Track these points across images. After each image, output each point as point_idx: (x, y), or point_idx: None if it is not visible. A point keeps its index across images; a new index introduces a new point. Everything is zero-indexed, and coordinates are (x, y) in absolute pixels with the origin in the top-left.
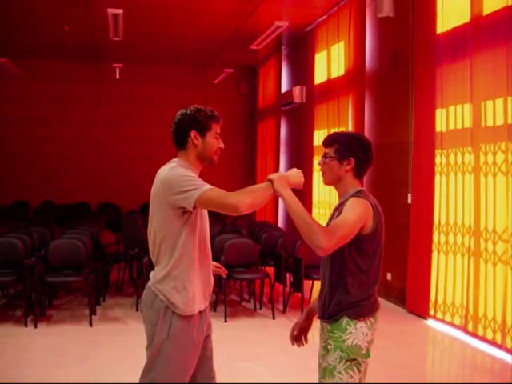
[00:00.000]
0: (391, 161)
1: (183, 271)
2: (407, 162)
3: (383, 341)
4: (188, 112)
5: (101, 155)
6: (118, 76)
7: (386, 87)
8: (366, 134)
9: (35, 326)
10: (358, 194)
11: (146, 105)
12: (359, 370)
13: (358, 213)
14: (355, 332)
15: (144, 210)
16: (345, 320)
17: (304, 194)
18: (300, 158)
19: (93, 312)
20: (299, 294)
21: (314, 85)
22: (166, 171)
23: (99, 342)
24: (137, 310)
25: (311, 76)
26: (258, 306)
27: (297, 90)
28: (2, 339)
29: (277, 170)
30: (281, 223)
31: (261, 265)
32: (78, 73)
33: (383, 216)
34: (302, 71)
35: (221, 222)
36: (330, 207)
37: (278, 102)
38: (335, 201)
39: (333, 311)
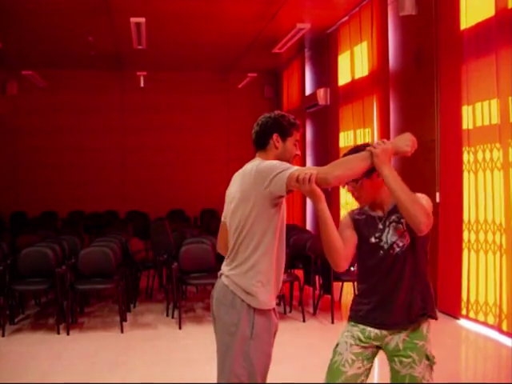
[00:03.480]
0: (418, 160)
1: (267, 265)
2: (434, 161)
3: None
4: (272, 116)
5: (127, 163)
6: (142, 84)
7: (410, 86)
8: (392, 133)
9: (67, 334)
10: None
11: (171, 112)
12: None
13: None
14: (430, 337)
15: (172, 216)
16: (425, 326)
17: (331, 195)
18: (326, 159)
19: (123, 318)
20: (329, 297)
21: (337, 86)
22: (254, 166)
23: (131, 348)
24: (167, 315)
25: (335, 77)
26: (287, 309)
27: (321, 92)
28: (35, 347)
29: None
30: (309, 226)
31: (290, 268)
32: (103, 82)
33: None
34: (326, 73)
35: None
36: None
37: (303, 105)
38: None
39: (420, 310)
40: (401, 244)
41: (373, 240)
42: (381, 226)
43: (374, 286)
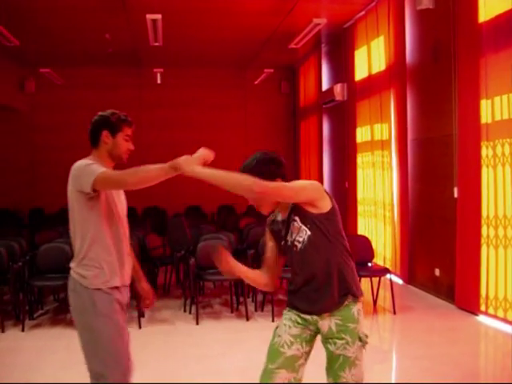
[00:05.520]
0: (436, 155)
1: (98, 252)
2: (452, 156)
3: (432, 337)
4: (103, 114)
5: (144, 159)
6: (159, 81)
7: (428, 80)
8: (409, 128)
9: None
10: None
11: (188, 108)
12: None
13: (305, 184)
14: (362, 319)
15: (189, 212)
16: (355, 309)
17: (348, 191)
18: (343, 155)
19: (141, 314)
20: None
21: (354, 81)
22: (73, 167)
23: (148, 343)
24: (184, 311)
25: (352, 72)
26: None
27: (338, 87)
28: (53, 342)
29: (320, 168)
30: None
31: None
32: (120, 79)
33: None
34: (343, 68)
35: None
36: (374, 204)
37: (320, 100)
38: (380, 197)
39: (341, 291)
40: (300, 239)
41: (283, 243)
42: (284, 229)
43: (295, 278)
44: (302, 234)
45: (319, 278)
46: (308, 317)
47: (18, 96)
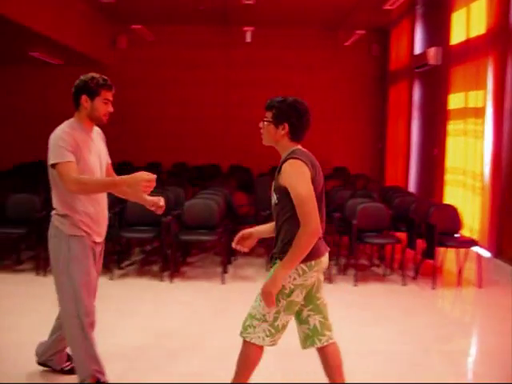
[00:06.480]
0: None
1: (75, 211)
2: None
3: (502, 313)
4: (83, 79)
5: (231, 118)
6: (248, 39)
7: None
8: (507, 96)
9: (170, 281)
10: (289, 156)
11: (277, 68)
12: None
13: (301, 178)
14: (278, 275)
15: (273, 172)
16: (277, 265)
17: (437, 159)
18: (433, 121)
19: (225, 270)
20: (431, 261)
21: (449, 45)
22: (56, 130)
23: (231, 299)
24: (267, 270)
25: (447, 36)
26: (387, 272)
27: (431, 51)
28: (141, 292)
29: (408, 134)
30: (412, 188)
31: (392, 230)
32: (210, 37)
33: (320, 168)
34: (438, 31)
35: (351, 185)
36: (464, 173)
37: (412, 64)
38: (470, 167)
39: (273, 253)
40: (272, 201)
41: None
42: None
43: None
44: (273, 197)
45: (275, 235)
46: None
47: (110, 52)
